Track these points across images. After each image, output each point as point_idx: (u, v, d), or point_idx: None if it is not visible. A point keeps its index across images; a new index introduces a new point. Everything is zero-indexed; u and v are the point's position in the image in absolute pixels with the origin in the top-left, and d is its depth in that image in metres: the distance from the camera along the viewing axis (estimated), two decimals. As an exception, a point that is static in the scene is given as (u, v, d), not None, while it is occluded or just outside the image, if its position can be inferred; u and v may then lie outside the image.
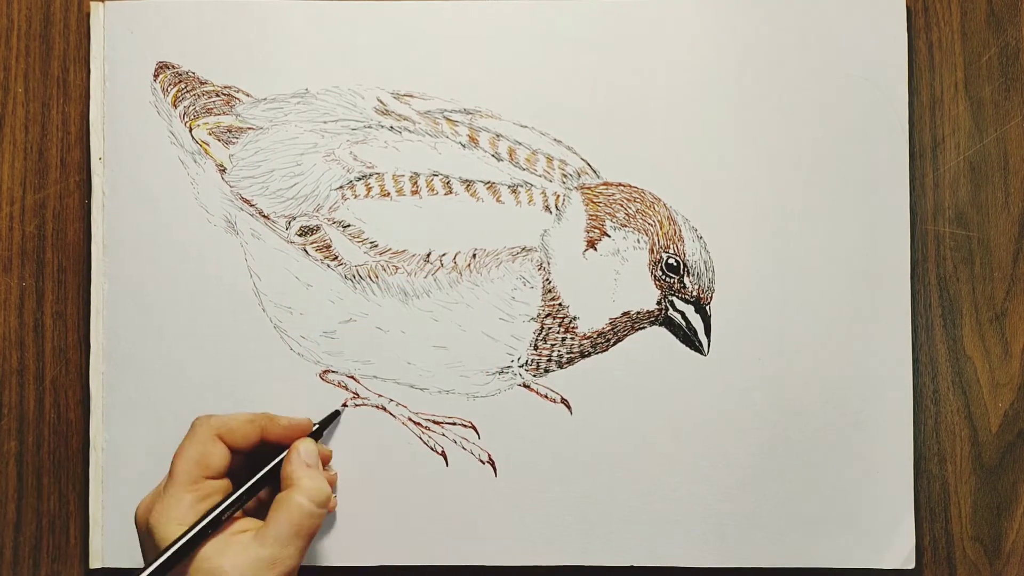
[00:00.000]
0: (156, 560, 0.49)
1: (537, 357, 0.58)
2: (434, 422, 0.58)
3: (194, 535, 0.50)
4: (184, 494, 0.51)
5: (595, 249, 0.58)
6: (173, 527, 0.50)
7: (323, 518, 0.52)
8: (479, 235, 0.58)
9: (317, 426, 0.57)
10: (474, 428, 0.58)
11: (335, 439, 0.58)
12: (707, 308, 0.58)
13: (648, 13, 0.59)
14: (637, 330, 0.58)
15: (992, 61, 0.60)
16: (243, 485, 0.53)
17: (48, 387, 0.59)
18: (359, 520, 0.58)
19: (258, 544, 0.50)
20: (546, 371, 0.58)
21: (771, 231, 0.58)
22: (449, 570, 0.58)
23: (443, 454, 0.58)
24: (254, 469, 0.54)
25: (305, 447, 0.54)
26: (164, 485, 0.52)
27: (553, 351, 0.58)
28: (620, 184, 0.58)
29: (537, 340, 0.58)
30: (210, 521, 0.50)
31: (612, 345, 0.58)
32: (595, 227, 0.58)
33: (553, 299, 0.58)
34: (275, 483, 0.54)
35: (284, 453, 0.54)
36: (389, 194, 0.58)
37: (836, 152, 0.58)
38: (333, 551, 0.57)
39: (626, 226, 0.58)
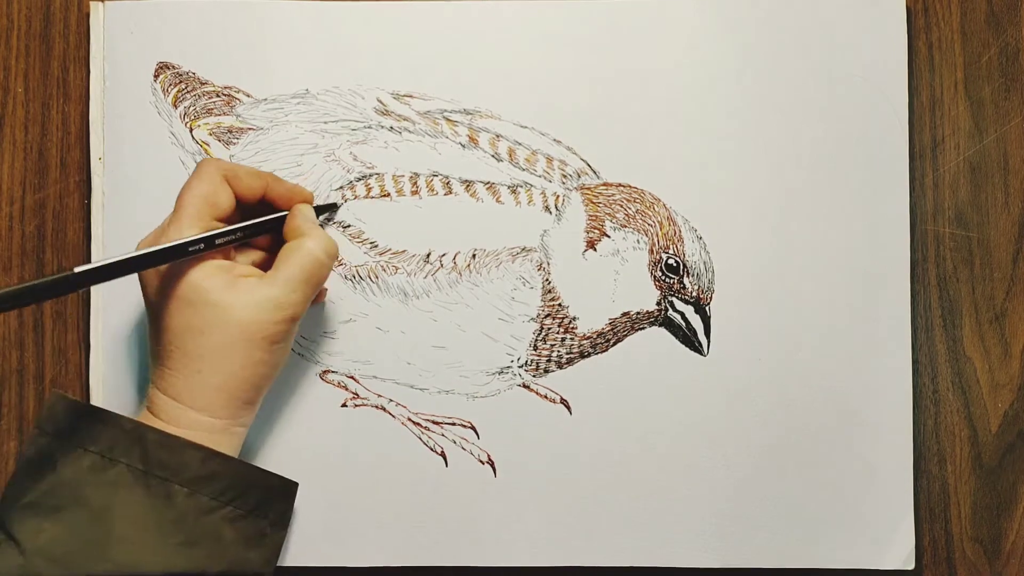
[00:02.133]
0: (138, 252, 0.48)
1: (537, 357, 0.58)
2: (433, 422, 0.58)
3: (183, 243, 0.49)
4: (188, 229, 0.50)
5: (595, 249, 0.58)
6: None
7: (330, 271, 0.53)
8: (479, 235, 0.58)
9: (319, 207, 0.57)
10: (473, 428, 0.58)
11: (334, 439, 0.58)
12: (707, 308, 0.58)
13: (648, 13, 0.59)
14: (637, 330, 0.58)
15: (992, 61, 0.60)
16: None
17: (48, 387, 0.59)
18: (359, 520, 0.58)
19: (266, 285, 0.50)
20: (546, 371, 0.58)
21: (771, 231, 0.58)
22: (449, 570, 0.58)
23: (443, 454, 0.58)
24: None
25: (309, 210, 0.54)
26: (168, 221, 0.51)
27: (553, 351, 0.58)
28: (620, 184, 0.58)
29: (537, 340, 0.58)
30: (204, 241, 0.49)
31: (612, 345, 0.58)
32: (595, 227, 0.58)
33: (553, 299, 0.58)
34: (277, 240, 0.54)
35: (287, 212, 0.54)
36: (389, 194, 0.58)
37: (836, 152, 0.58)
38: (333, 551, 0.57)
39: (626, 226, 0.58)
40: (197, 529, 0.48)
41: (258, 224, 0.53)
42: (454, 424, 0.58)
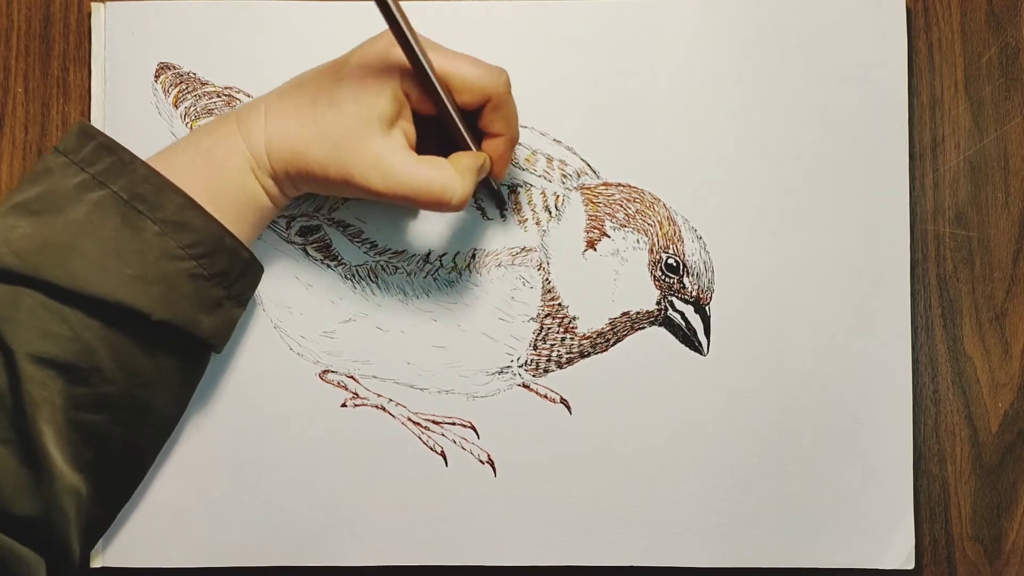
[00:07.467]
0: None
1: (536, 357, 0.58)
2: (433, 422, 0.58)
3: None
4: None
5: (595, 249, 0.58)
6: None
7: (429, 206, 0.52)
8: (479, 235, 0.58)
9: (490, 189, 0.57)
10: (473, 428, 0.58)
11: (334, 439, 0.58)
12: (706, 308, 0.58)
13: (648, 13, 0.59)
14: (637, 330, 0.58)
15: (992, 61, 0.60)
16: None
17: (49, 387, 0.59)
18: (359, 520, 0.58)
19: (399, 151, 0.51)
20: (546, 371, 0.58)
21: (771, 231, 0.58)
22: (448, 570, 0.58)
23: (442, 454, 0.58)
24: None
25: (486, 162, 0.54)
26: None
27: (552, 351, 0.58)
28: (620, 184, 0.58)
29: (536, 340, 0.58)
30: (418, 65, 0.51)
31: (612, 345, 0.58)
32: (595, 227, 0.58)
33: (552, 299, 0.58)
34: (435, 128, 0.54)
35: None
36: (389, 194, 0.58)
37: (836, 152, 0.58)
38: (333, 551, 0.58)
39: (626, 226, 0.58)
40: (156, 269, 0.48)
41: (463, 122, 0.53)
42: (454, 424, 0.58)
